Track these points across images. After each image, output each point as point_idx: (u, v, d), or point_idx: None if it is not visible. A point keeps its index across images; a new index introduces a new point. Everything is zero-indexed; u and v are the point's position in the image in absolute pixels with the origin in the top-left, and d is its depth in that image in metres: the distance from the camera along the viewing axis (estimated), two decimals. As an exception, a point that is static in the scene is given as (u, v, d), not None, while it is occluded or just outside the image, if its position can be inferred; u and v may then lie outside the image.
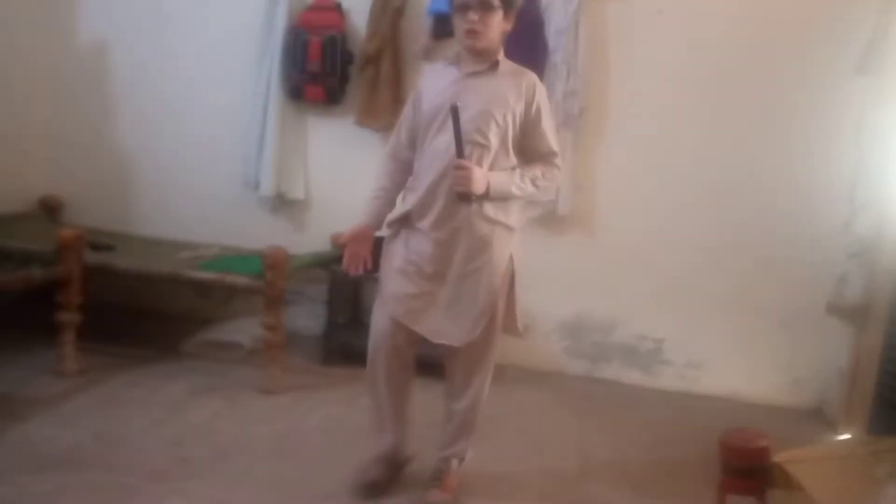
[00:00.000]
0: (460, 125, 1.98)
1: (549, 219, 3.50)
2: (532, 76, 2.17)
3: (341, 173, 3.70)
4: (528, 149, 2.19)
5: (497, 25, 2.08)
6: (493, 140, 2.09)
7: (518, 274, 2.26)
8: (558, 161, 2.23)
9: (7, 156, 3.73)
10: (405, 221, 2.21)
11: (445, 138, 2.05)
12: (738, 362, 3.47)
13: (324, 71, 3.45)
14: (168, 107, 3.83)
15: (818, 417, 3.32)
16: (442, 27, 3.43)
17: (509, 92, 2.11)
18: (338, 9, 3.53)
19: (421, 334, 2.19)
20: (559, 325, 3.64)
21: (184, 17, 3.77)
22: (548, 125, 2.19)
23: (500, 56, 2.15)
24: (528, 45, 3.40)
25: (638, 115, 3.46)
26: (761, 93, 3.35)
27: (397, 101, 3.50)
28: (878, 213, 3.05)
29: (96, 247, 3.22)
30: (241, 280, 3.01)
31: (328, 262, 3.45)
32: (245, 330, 3.46)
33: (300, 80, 3.50)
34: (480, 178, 2.03)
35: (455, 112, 1.96)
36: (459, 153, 2.00)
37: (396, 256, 2.22)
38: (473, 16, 2.03)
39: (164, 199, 3.89)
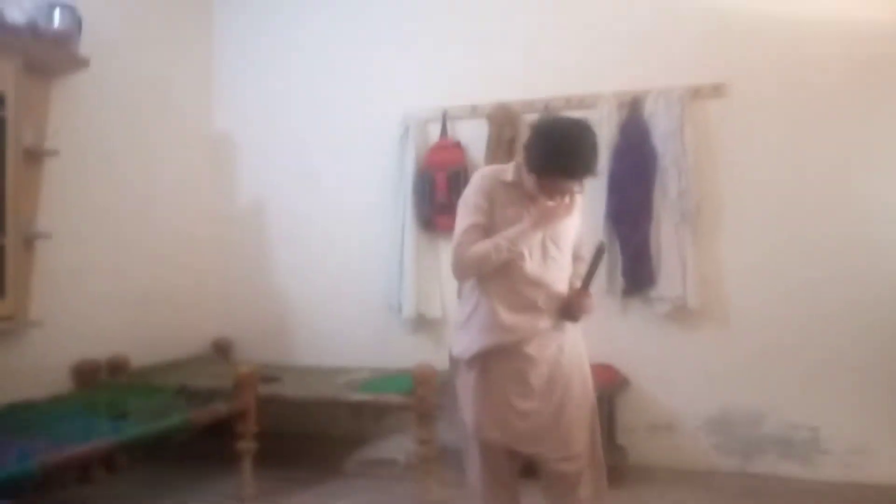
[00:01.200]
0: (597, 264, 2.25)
1: (680, 314, 3.57)
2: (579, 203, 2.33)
3: (473, 291, 3.98)
4: (577, 250, 2.39)
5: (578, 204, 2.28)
6: (566, 262, 2.30)
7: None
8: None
9: (187, 306, 4.31)
10: (489, 354, 2.24)
11: (536, 268, 2.20)
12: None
13: (451, 202, 3.82)
14: (317, 250, 4.32)
15: None
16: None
17: (571, 223, 2.29)
18: (458, 146, 3.94)
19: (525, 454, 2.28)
20: (705, 422, 3.60)
21: (328, 172, 4.32)
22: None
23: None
24: (635, 152, 3.64)
25: (754, 203, 3.55)
26: (870, 156, 3.38)
27: (519, 219, 3.79)
28: None
29: (265, 379, 3.61)
30: (394, 399, 3.27)
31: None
32: (399, 447, 3.68)
33: (431, 212, 3.90)
34: (594, 304, 2.30)
35: (601, 250, 2.26)
36: (586, 286, 2.25)
37: (485, 384, 2.25)
38: (564, 193, 2.18)
39: (318, 331, 4.31)
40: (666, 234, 3.60)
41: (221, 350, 4.34)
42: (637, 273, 3.60)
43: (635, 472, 3.52)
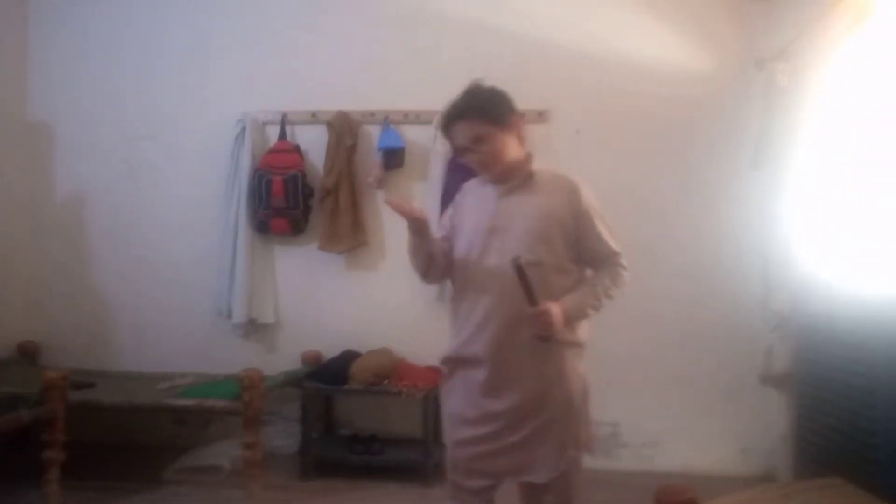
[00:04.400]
0: (530, 281, 1.88)
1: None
2: (573, 180, 2.07)
3: (308, 295, 4.00)
4: (588, 254, 2.07)
5: (502, 145, 2.00)
6: (546, 257, 1.99)
7: (590, 389, 2.15)
8: (622, 261, 2.08)
9: (-11, 306, 3.93)
10: (459, 360, 2.09)
11: (494, 261, 1.98)
12: (688, 437, 3.73)
13: (287, 205, 3.81)
14: (141, 251, 4.11)
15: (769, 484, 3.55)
16: (391, 160, 3.88)
17: (552, 202, 2.01)
18: (297, 150, 3.94)
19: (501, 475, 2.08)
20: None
21: (153, 169, 4.13)
22: (602, 226, 2.06)
23: (531, 165, 2.07)
24: (466, 168, 3.84)
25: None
26: (677, 190, 3.82)
27: (356, 225, 3.89)
28: (789, 291, 3.43)
29: (77, 385, 3.38)
30: (219, 403, 3.20)
31: (300, 380, 3.66)
32: (223, 453, 3.60)
33: (266, 216, 3.85)
34: (557, 314, 1.92)
35: (518, 266, 1.85)
36: (533, 303, 1.89)
37: (456, 400, 2.11)
38: (473, 155, 2.01)
39: (140, 335, 4.10)
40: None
41: (27, 354, 4.00)
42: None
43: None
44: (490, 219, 2.03)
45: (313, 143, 3.98)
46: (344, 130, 3.91)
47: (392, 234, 3.96)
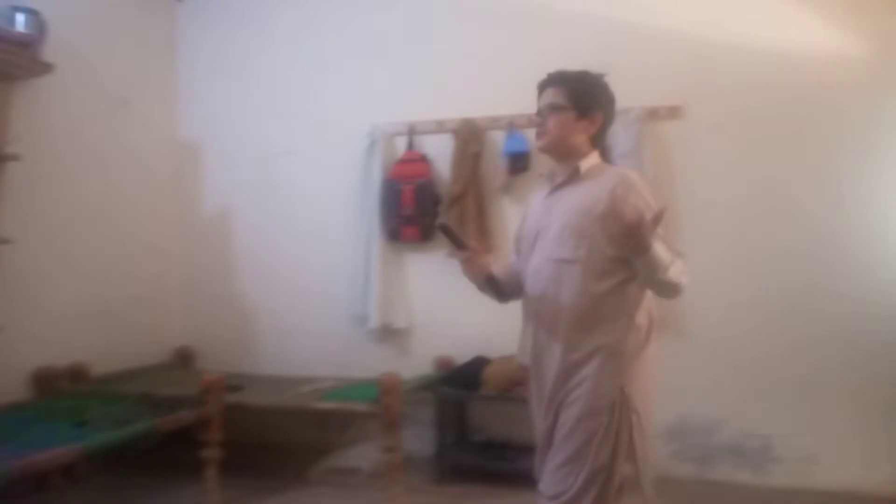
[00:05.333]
0: (455, 233, 2.01)
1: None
2: (627, 174, 1.91)
3: (438, 301, 4.04)
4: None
5: (567, 127, 1.94)
6: (581, 253, 1.84)
7: (645, 415, 1.87)
8: (684, 265, 1.84)
9: (149, 315, 4.27)
10: (523, 369, 2.08)
11: (535, 261, 1.96)
12: (851, 453, 3.43)
13: (417, 213, 3.89)
14: (281, 260, 4.32)
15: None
16: (517, 164, 3.86)
17: (595, 195, 1.87)
18: (424, 159, 4.01)
19: None
20: (662, 430, 3.70)
21: (291, 183, 4.35)
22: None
23: (586, 160, 1.96)
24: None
25: (707, 218, 3.67)
26: (823, 187, 3.55)
27: (483, 232, 3.88)
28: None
29: (229, 388, 3.60)
30: (359, 407, 3.29)
31: (434, 385, 3.71)
32: (363, 455, 3.70)
33: (397, 224, 3.95)
34: (647, 224, 1.68)
35: (441, 227, 2.04)
36: (461, 248, 1.99)
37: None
38: (539, 118, 2.00)
39: (282, 340, 4.31)
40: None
41: (184, 359, 4.31)
42: (597, 285, 3.70)
43: (594, 480, 3.61)
44: (537, 221, 2.00)
45: (440, 151, 4.03)
46: (469, 137, 3.94)
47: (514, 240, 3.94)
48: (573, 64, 3.82)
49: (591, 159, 1.98)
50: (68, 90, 3.68)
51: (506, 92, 3.97)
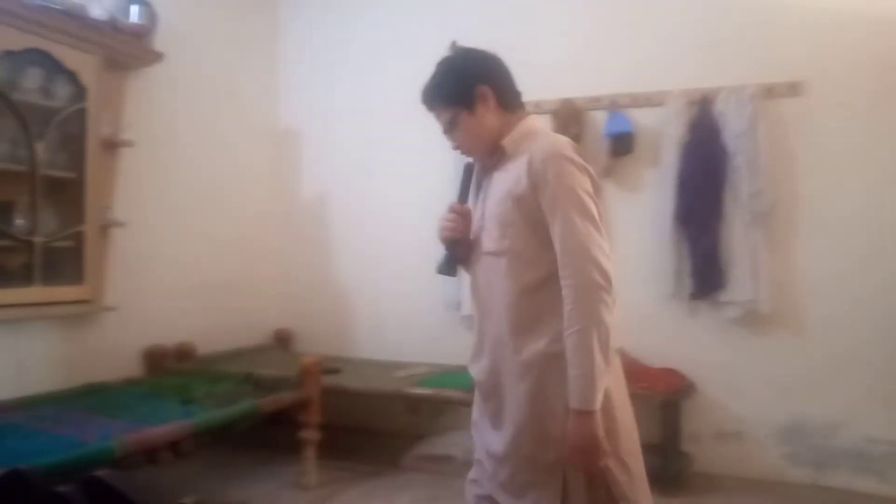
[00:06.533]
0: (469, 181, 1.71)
1: (751, 318, 3.46)
2: (545, 144, 1.58)
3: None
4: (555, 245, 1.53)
5: (472, 127, 1.66)
6: (507, 244, 1.58)
7: (619, 432, 1.53)
8: (579, 276, 1.47)
9: (251, 297, 4.39)
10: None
11: (473, 257, 1.70)
12: None
13: (513, 198, 3.78)
14: (377, 245, 4.33)
15: None
16: (619, 147, 3.69)
17: (514, 174, 1.58)
18: (521, 142, 3.90)
19: None
20: (776, 430, 3.48)
21: (385, 169, 4.34)
22: (563, 219, 1.50)
23: (511, 135, 1.65)
24: (704, 151, 3.54)
25: (831, 205, 3.41)
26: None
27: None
28: None
29: (326, 371, 3.65)
30: (455, 394, 3.26)
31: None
32: (456, 443, 3.66)
33: (493, 209, 3.86)
34: (583, 436, 1.44)
35: (469, 165, 1.72)
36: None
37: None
38: (450, 140, 1.72)
39: (377, 325, 4.34)
40: (737, 236, 3.49)
41: (282, 341, 4.41)
42: (706, 276, 3.50)
43: (700, 480, 3.43)
44: (476, 211, 1.71)
45: (538, 134, 3.90)
46: (569, 119, 3.80)
47: (620, 226, 3.76)
48: (681, 38, 3.66)
49: (519, 129, 1.67)
50: (176, 78, 3.81)
51: (606, 70, 3.83)
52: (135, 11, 3.45)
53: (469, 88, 1.67)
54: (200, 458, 3.27)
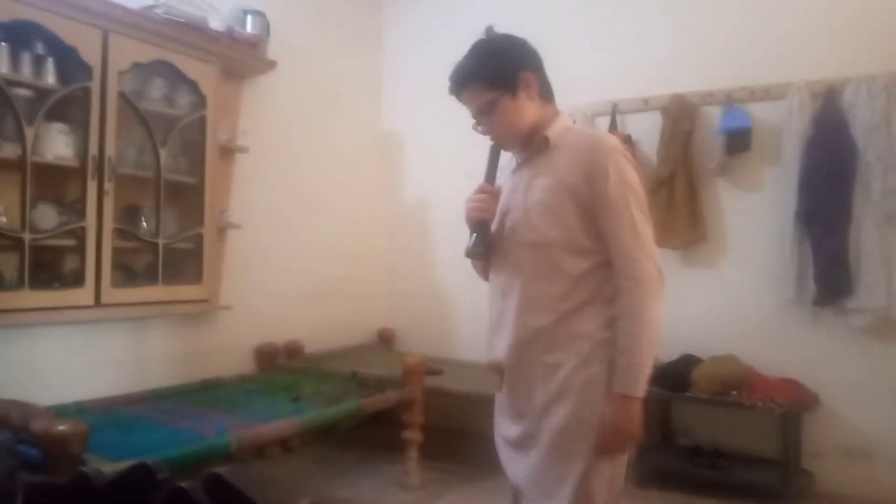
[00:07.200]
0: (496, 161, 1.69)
1: (883, 327, 3.19)
2: (605, 142, 1.60)
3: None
4: (606, 241, 1.57)
5: (511, 113, 1.65)
6: (554, 234, 1.58)
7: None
8: (638, 269, 1.53)
9: (355, 297, 4.49)
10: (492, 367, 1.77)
11: (503, 246, 1.70)
12: None
13: (619, 199, 3.66)
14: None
15: None
16: (736, 143, 3.50)
17: (567, 165, 1.59)
18: (628, 140, 3.76)
19: None
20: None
21: (483, 172, 4.30)
22: (625, 213, 1.54)
23: (553, 126, 1.67)
24: (831, 147, 3.29)
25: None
26: None
27: (694, 218, 3.59)
28: None
29: (429, 372, 3.66)
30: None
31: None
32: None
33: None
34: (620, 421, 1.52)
35: (494, 148, 1.71)
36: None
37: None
38: (478, 126, 1.72)
39: (476, 326, 4.29)
40: (867, 238, 3.23)
41: (385, 340, 4.48)
42: (832, 280, 3.25)
43: (823, 501, 3.19)
44: (505, 198, 1.70)
45: (646, 131, 3.76)
46: (680, 115, 3.64)
47: (735, 227, 3.58)
48: (804, 26, 3.42)
49: (559, 123, 1.68)
50: (288, 86, 3.95)
51: (721, 62, 3.64)
52: (250, 21, 3.60)
53: (514, 73, 1.65)
54: (307, 455, 3.37)
